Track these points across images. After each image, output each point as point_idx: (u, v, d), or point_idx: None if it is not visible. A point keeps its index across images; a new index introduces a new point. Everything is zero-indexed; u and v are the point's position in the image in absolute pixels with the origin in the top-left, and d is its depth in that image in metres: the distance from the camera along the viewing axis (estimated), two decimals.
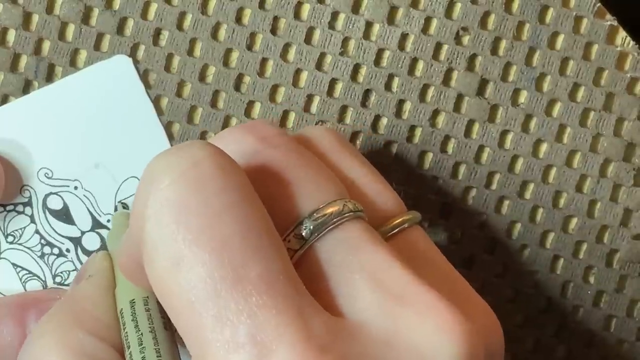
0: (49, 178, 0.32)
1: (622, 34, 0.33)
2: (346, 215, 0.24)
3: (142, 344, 0.25)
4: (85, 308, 0.27)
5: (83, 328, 0.26)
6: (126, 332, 0.26)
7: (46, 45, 0.32)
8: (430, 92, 0.33)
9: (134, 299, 0.27)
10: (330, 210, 0.24)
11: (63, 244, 0.32)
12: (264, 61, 0.32)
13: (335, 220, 0.24)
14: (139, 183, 0.24)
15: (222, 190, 0.22)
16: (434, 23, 0.33)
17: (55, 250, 0.32)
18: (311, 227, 0.24)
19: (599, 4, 0.33)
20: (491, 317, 0.24)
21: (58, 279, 0.33)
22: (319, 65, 0.33)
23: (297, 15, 0.32)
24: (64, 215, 0.32)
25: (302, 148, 0.27)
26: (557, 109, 0.34)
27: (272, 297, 0.21)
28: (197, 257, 0.21)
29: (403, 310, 0.22)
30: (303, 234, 0.24)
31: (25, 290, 0.32)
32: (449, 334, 0.22)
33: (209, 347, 0.21)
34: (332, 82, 0.33)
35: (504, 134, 0.34)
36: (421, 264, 0.24)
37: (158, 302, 0.27)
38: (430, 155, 0.33)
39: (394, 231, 0.26)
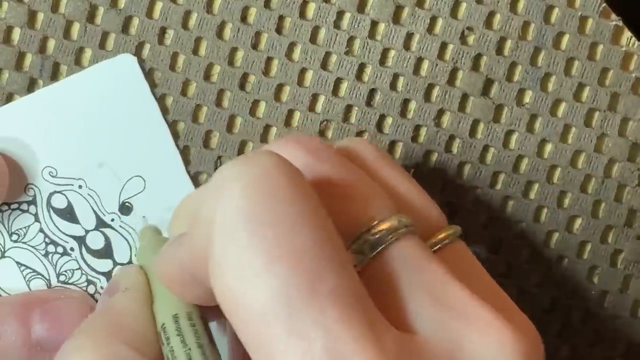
0: (53, 177, 0.32)
1: (627, 34, 0.33)
2: (401, 230, 0.24)
3: (191, 359, 0.25)
4: (125, 321, 0.27)
5: (123, 342, 0.26)
6: (171, 347, 0.25)
7: (51, 44, 0.32)
8: (435, 91, 0.33)
9: (177, 314, 0.26)
10: (386, 225, 0.24)
11: (67, 242, 0.32)
12: (269, 60, 0.32)
13: (391, 236, 0.24)
14: (206, 191, 0.23)
15: (294, 200, 0.22)
16: (439, 23, 0.33)
17: (60, 249, 0.32)
18: (370, 242, 0.24)
19: (604, 4, 0.33)
20: (536, 335, 0.25)
21: (62, 278, 0.33)
22: (324, 65, 0.33)
23: (302, 14, 0.32)
24: (68, 214, 0.32)
25: (350, 162, 0.27)
26: (562, 109, 0.34)
27: (346, 311, 0.21)
28: (272, 268, 0.21)
29: (465, 328, 0.23)
30: (361, 249, 0.24)
31: (29, 289, 0.32)
32: (509, 350, 0.22)
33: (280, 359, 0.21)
34: (337, 82, 0.33)
35: (508, 133, 0.34)
36: (468, 278, 0.24)
37: (202, 318, 0.27)
38: (435, 155, 0.33)
39: (439, 245, 0.26)
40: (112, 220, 0.33)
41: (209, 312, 0.27)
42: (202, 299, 0.25)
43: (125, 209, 0.33)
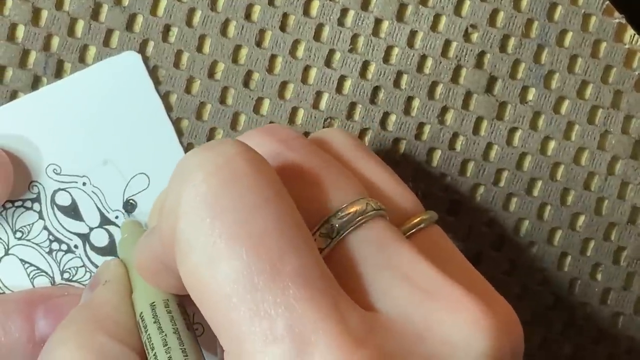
0: (57, 174, 0.32)
1: (630, 31, 0.33)
2: (369, 213, 0.24)
3: (167, 345, 0.25)
4: (106, 312, 0.27)
5: (105, 332, 0.26)
6: (149, 335, 0.26)
7: (55, 41, 0.32)
8: (439, 89, 0.33)
9: (154, 302, 0.27)
10: (354, 209, 0.24)
11: (71, 240, 0.32)
12: (273, 58, 0.32)
13: (359, 218, 0.24)
14: (170, 181, 0.24)
15: (256, 186, 0.22)
16: (443, 20, 0.33)
17: (64, 247, 0.32)
18: (337, 225, 0.24)
19: (607, 2, 0.33)
20: (512, 315, 0.25)
21: (66, 275, 0.33)
22: (328, 62, 0.33)
23: (306, 11, 0.32)
24: (72, 211, 0.32)
25: (321, 150, 0.27)
26: (565, 106, 0.34)
27: (308, 291, 0.21)
28: (234, 251, 0.21)
29: (434, 306, 0.23)
30: (329, 232, 0.24)
31: (33, 286, 0.32)
32: (479, 328, 0.22)
33: (246, 340, 0.21)
34: (341, 79, 0.33)
35: (512, 131, 0.34)
36: (442, 261, 0.24)
37: (179, 304, 0.27)
38: (438, 153, 0.33)
39: (413, 230, 0.27)
40: (117, 217, 0.33)
41: (187, 300, 0.27)
42: (176, 287, 0.26)
43: (129, 206, 0.33)
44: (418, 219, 0.27)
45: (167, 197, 0.24)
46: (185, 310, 0.28)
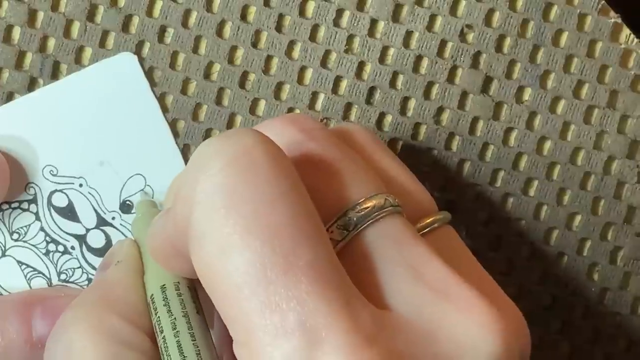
0: (53, 175, 0.32)
1: (626, 31, 0.33)
2: (387, 209, 0.24)
3: (175, 328, 0.25)
4: (117, 293, 0.27)
5: (116, 313, 0.26)
6: (158, 317, 0.26)
7: (51, 43, 0.32)
8: (435, 89, 0.33)
9: (164, 285, 0.27)
10: (372, 203, 0.24)
11: (68, 241, 0.32)
12: (268, 58, 0.33)
13: (377, 213, 0.24)
14: (187, 166, 0.24)
15: (273, 178, 0.22)
16: (439, 20, 0.33)
17: (60, 248, 0.32)
18: (355, 218, 0.24)
19: (603, 2, 0.33)
20: (520, 318, 0.25)
21: (63, 277, 0.33)
22: (323, 63, 0.33)
23: (302, 12, 0.32)
24: (69, 212, 0.32)
25: (342, 142, 0.27)
26: (561, 106, 0.34)
27: (321, 285, 0.21)
28: (248, 243, 0.21)
29: (445, 306, 0.23)
30: (346, 225, 0.24)
31: (30, 287, 0.32)
32: (489, 331, 0.22)
33: (256, 332, 0.21)
34: (337, 80, 0.33)
35: (508, 131, 0.34)
36: (454, 261, 0.24)
37: (189, 288, 0.27)
38: (434, 153, 0.33)
39: (427, 229, 0.27)
40: (113, 218, 0.33)
41: (199, 283, 0.27)
42: (187, 271, 0.25)
43: (126, 207, 0.33)
44: (432, 218, 0.27)
45: (183, 183, 0.23)
46: (197, 293, 0.27)
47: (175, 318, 0.26)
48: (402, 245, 0.24)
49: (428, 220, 0.27)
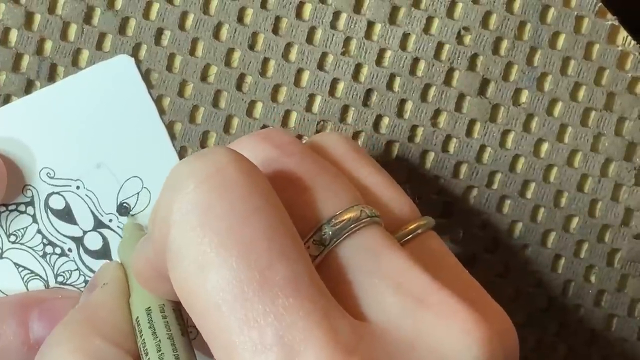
0: (51, 178, 0.32)
1: (623, 33, 0.33)
2: (364, 220, 0.24)
3: (160, 350, 0.26)
4: (102, 315, 0.27)
5: (100, 335, 0.26)
6: (143, 339, 0.26)
7: (48, 45, 0.32)
8: (432, 91, 0.33)
9: (150, 307, 0.27)
10: (348, 216, 0.24)
11: (65, 243, 0.32)
12: (265, 61, 0.33)
13: (353, 225, 0.24)
14: (162, 189, 0.24)
15: (247, 194, 0.22)
16: (436, 23, 0.33)
17: (57, 250, 0.32)
18: (330, 232, 0.24)
19: (600, 4, 0.33)
20: (507, 322, 0.25)
21: (60, 279, 0.33)
22: (320, 65, 0.33)
23: (298, 15, 0.32)
24: (66, 214, 0.32)
25: (317, 155, 0.27)
26: (558, 108, 0.34)
27: (298, 299, 0.21)
28: (223, 260, 0.21)
29: (425, 314, 0.23)
30: (322, 240, 0.24)
31: (28, 289, 0.32)
32: (471, 338, 0.22)
33: (235, 349, 0.21)
34: (334, 82, 0.33)
35: (505, 133, 0.34)
36: (437, 268, 0.24)
37: (174, 310, 0.27)
38: (431, 155, 0.33)
39: (409, 236, 0.27)
40: (110, 220, 0.33)
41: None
42: (170, 293, 0.26)
43: (123, 209, 0.33)
44: (414, 225, 0.27)
45: (159, 205, 0.24)
46: (182, 315, 0.28)
47: (160, 340, 0.26)
48: (380, 255, 0.24)
49: (410, 228, 0.27)
